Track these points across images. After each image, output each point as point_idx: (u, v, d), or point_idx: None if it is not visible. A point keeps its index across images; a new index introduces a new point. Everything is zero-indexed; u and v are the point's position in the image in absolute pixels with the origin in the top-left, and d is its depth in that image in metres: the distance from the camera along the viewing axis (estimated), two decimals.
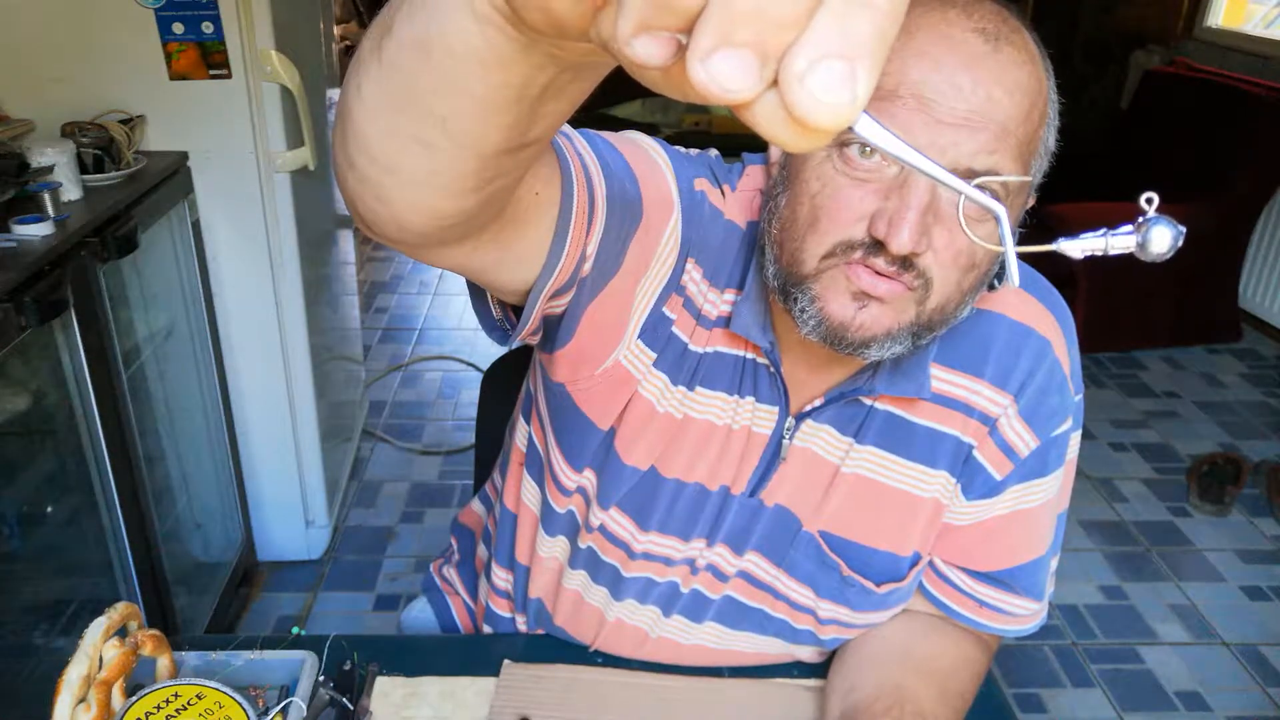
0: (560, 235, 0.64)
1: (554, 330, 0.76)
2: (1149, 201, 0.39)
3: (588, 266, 0.69)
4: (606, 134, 0.74)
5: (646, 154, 0.76)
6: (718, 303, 0.79)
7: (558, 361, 0.79)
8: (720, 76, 0.25)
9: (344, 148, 0.48)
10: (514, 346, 0.80)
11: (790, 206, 0.70)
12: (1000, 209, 0.35)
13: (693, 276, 0.78)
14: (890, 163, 0.65)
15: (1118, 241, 0.39)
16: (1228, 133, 3.38)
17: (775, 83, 0.25)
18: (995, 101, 0.63)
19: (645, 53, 0.26)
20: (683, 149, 0.81)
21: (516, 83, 0.39)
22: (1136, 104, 3.92)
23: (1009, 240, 0.38)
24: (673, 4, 0.25)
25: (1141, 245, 0.38)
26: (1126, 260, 0.41)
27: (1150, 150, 3.70)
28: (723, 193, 0.79)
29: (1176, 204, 3.45)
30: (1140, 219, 0.39)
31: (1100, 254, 0.39)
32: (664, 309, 0.78)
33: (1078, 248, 0.39)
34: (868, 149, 0.65)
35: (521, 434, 0.94)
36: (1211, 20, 4.04)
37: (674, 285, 0.77)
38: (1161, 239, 0.38)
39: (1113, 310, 3.38)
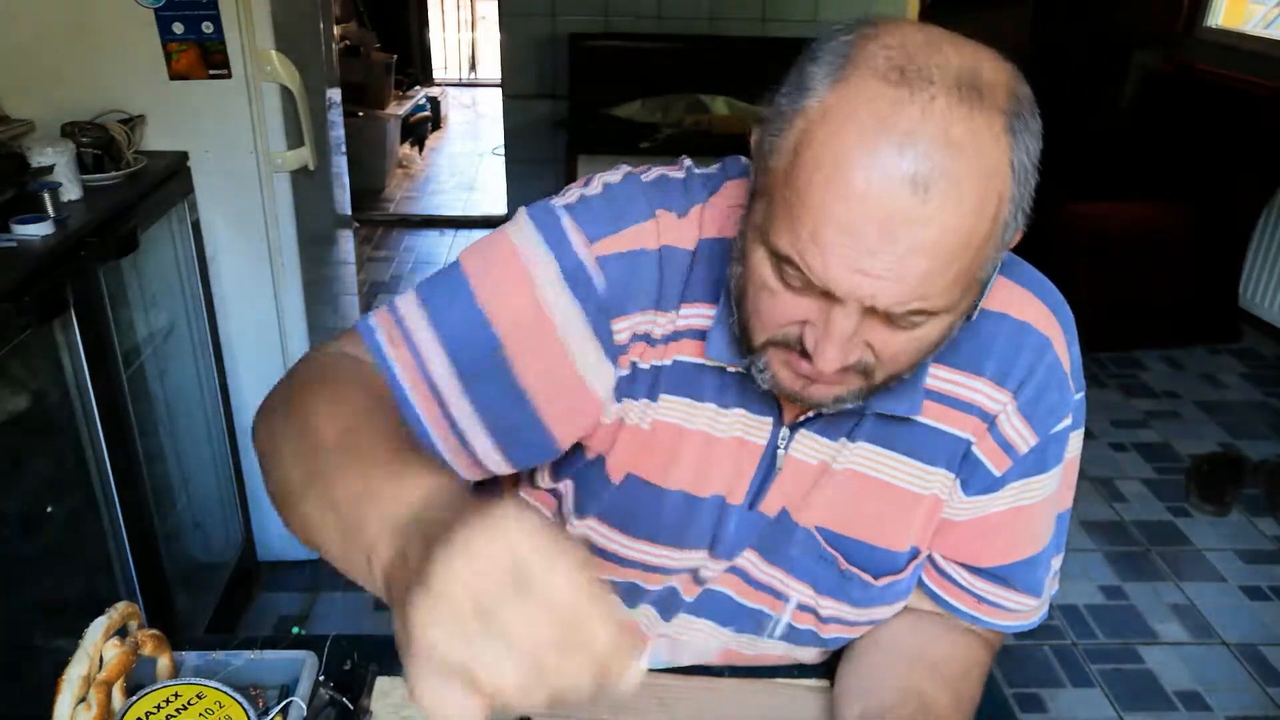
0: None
1: None
2: None
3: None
4: (510, 344, 0.74)
5: (555, 355, 0.75)
6: (667, 323, 0.78)
7: None
8: None
9: (266, 489, 0.63)
10: None
11: (744, 276, 0.69)
12: None
13: (624, 333, 0.78)
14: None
15: None
16: (1228, 133, 3.38)
17: None
18: (921, 253, 0.60)
19: None
20: (641, 179, 0.79)
21: None
22: (1136, 104, 3.93)
23: None
24: None
25: None
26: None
27: (1150, 150, 3.70)
28: (682, 214, 0.78)
29: (1177, 203, 3.46)
30: None
31: None
32: (618, 371, 0.79)
33: None
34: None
35: None
36: (1211, 20, 4.04)
37: (613, 356, 0.78)
38: None
39: (1113, 310, 3.38)
